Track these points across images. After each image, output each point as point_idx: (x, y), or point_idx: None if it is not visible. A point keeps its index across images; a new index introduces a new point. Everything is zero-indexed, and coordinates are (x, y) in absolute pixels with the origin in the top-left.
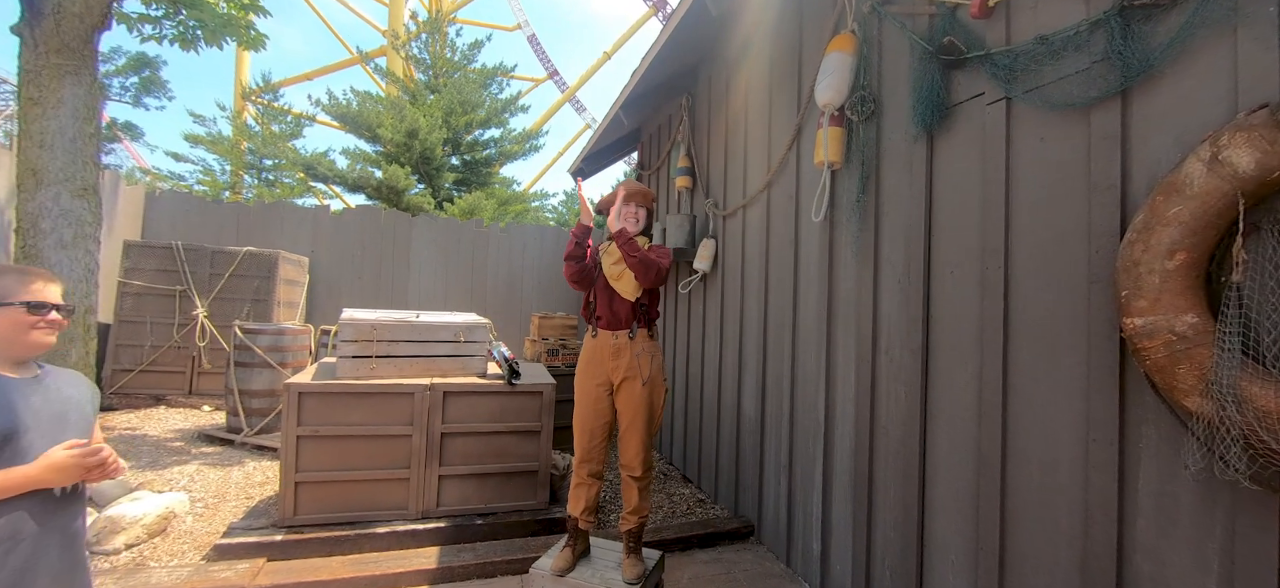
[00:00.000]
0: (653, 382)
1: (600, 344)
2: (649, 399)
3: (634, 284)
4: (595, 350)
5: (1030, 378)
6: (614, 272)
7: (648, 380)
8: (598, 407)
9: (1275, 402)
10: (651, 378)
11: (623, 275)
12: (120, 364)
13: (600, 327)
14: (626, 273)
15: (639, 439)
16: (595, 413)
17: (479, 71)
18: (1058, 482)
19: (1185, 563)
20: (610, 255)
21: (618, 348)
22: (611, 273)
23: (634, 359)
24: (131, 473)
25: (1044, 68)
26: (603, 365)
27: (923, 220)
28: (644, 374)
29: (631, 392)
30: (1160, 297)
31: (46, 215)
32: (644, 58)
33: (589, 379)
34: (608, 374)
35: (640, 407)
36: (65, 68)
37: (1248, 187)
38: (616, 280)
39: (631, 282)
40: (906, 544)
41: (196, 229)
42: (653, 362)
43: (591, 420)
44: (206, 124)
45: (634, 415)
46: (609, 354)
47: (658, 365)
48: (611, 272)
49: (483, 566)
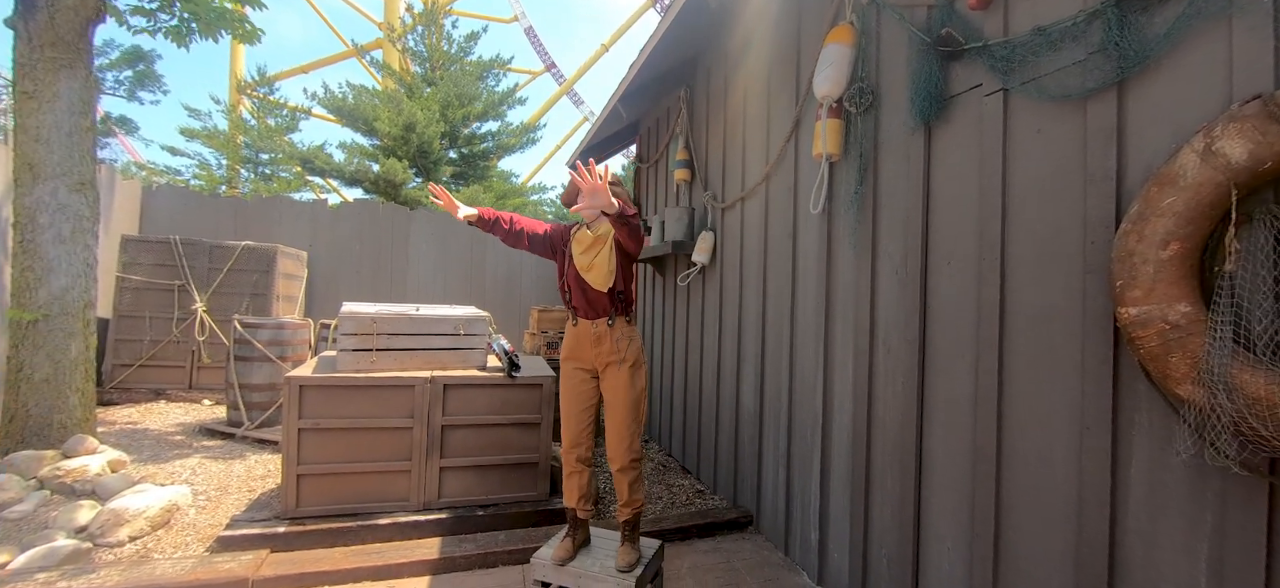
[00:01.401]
0: (636, 366)
1: (581, 332)
2: (632, 382)
3: (605, 275)
4: (577, 338)
5: (1026, 368)
6: (583, 263)
7: (632, 364)
8: (582, 391)
9: (1266, 389)
10: (635, 362)
11: (592, 266)
12: (120, 359)
13: (579, 316)
14: (596, 264)
15: (625, 428)
16: (579, 397)
17: (476, 64)
18: (1052, 470)
19: (1175, 547)
20: (579, 244)
21: (598, 335)
22: (581, 264)
23: (614, 344)
24: (133, 467)
25: (1041, 59)
26: (585, 352)
27: (920, 212)
28: (628, 359)
29: (617, 377)
30: (1154, 287)
31: (44, 210)
32: (642, 50)
33: (573, 365)
34: (591, 361)
35: (625, 390)
36: (60, 61)
37: (1240, 177)
38: (586, 271)
39: (601, 273)
40: (903, 533)
41: (194, 224)
42: (632, 345)
43: (576, 405)
44: (202, 118)
45: (620, 402)
46: (590, 342)
47: (637, 349)
48: (581, 262)
49: (484, 556)
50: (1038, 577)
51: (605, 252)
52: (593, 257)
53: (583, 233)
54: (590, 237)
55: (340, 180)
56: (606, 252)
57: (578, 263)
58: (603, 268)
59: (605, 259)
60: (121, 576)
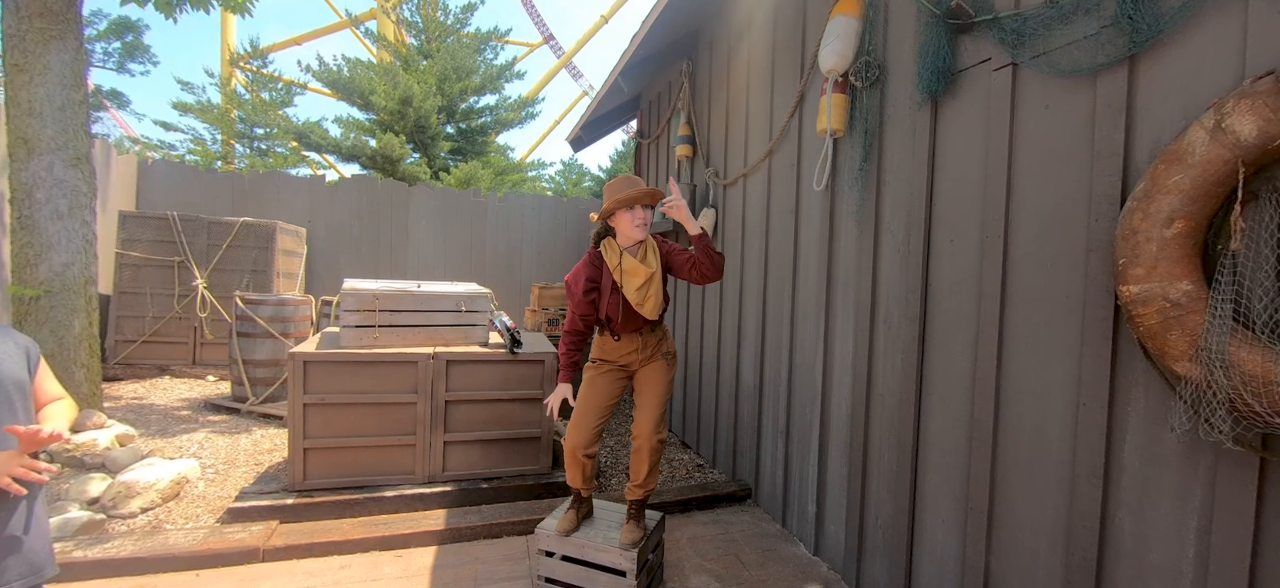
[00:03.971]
0: (671, 355)
1: (624, 344)
2: (668, 369)
3: (657, 305)
4: (617, 348)
5: (1025, 345)
6: (638, 298)
7: (668, 354)
8: (612, 390)
9: (1262, 366)
10: (669, 352)
11: (646, 300)
12: (123, 335)
13: (620, 333)
14: (650, 297)
15: (656, 408)
16: (606, 396)
17: (472, 36)
18: (1047, 445)
19: (1166, 520)
20: (632, 278)
21: (643, 344)
22: (635, 299)
23: (656, 346)
24: (141, 440)
25: (1053, 33)
26: (623, 358)
27: (924, 188)
28: (668, 352)
29: (655, 367)
30: (1157, 264)
31: (41, 186)
32: (644, 21)
33: (607, 366)
34: (630, 362)
35: (662, 376)
36: (49, 32)
37: (1249, 155)
38: (640, 305)
39: (655, 304)
40: (899, 505)
41: (191, 199)
42: (666, 340)
43: (600, 402)
44: (195, 91)
45: (655, 386)
46: (633, 349)
47: (670, 342)
48: (635, 298)
49: (489, 527)
50: (1030, 548)
51: (656, 285)
52: (647, 292)
53: (632, 265)
54: (643, 271)
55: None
56: (657, 285)
57: (632, 298)
58: (655, 299)
59: (657, 291)
60: (136, 545)
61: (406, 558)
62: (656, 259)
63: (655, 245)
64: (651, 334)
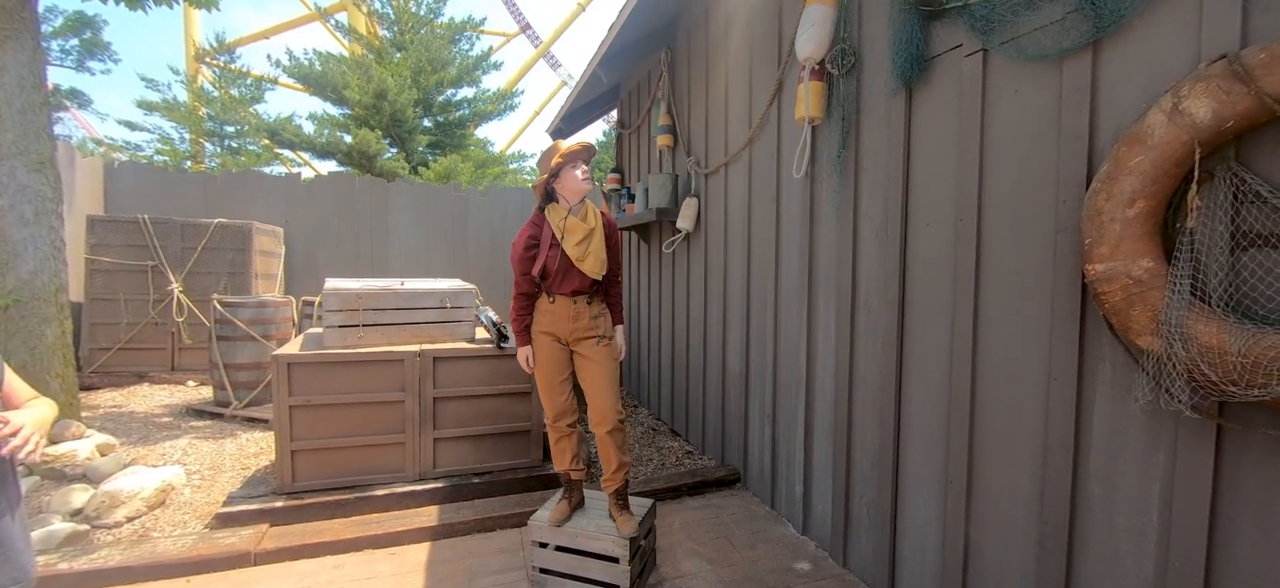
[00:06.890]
0: (607, 337)
1: (559, 308)
2: (610, 352)
3: (599, 264)
4: (554, 314)
5: (999, 324)
6: (578, 253)
7: (605, 336)
8: (560, 360)
9: (1217, 338)
10: (606, 333)
11: (587, 255)
12: (97, 343)
13: (557, 294)
14: (591, 253)
15: (608, 392)
16: (559, 367)
17: (446, 26)
18: (1021, 418)
19: (1132, 485)
20: (572, 234)
21: (577, 312)
22: (576, 254)
23: (592, 321)
24: (123, 450)
25: (1020, 18)
26: (562, 327)
27: (901, 174)
28: (604, 333)
29: (595, 350)
30: (1120, 243)
31: (4, 192)
32: (621, 10)
33: (548, 338)
34: (566, 334)
35: (605, 360)
36: (4, 32)
37: (1204, 136)
38: (581, 260)
39: (596, 262)
40: (882, 482)
41: (161, 202)
42: (604, 319)
43: (557, 375)
44: (160, 89)
45: (601, 371)
46: (568, 317)
47: (607, 322)
48: (576, 252)
49: (482, 521)
50: (1006, 517)
51: (598, 242)
52: (587, 247)
53: (572, 221)
54: (582, 227)
55: (311, 153)
56: (598, 242)
57: (572, 252)
58: (597, 257)
59: (598, 248)
60: (123, 555)
61: (400, 555)
62: (598, 222)
63: (598, 214)
64: (588, 306)
